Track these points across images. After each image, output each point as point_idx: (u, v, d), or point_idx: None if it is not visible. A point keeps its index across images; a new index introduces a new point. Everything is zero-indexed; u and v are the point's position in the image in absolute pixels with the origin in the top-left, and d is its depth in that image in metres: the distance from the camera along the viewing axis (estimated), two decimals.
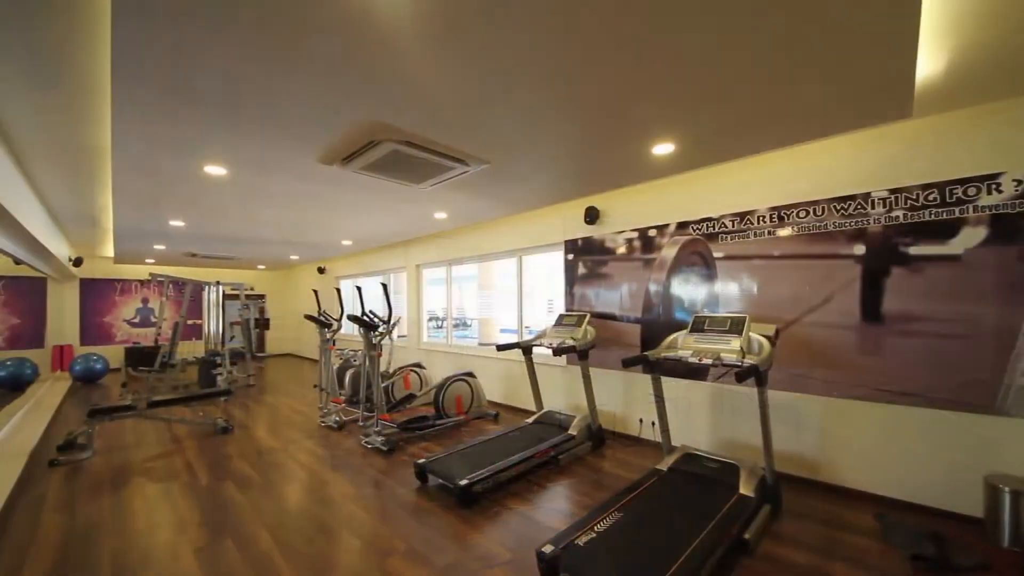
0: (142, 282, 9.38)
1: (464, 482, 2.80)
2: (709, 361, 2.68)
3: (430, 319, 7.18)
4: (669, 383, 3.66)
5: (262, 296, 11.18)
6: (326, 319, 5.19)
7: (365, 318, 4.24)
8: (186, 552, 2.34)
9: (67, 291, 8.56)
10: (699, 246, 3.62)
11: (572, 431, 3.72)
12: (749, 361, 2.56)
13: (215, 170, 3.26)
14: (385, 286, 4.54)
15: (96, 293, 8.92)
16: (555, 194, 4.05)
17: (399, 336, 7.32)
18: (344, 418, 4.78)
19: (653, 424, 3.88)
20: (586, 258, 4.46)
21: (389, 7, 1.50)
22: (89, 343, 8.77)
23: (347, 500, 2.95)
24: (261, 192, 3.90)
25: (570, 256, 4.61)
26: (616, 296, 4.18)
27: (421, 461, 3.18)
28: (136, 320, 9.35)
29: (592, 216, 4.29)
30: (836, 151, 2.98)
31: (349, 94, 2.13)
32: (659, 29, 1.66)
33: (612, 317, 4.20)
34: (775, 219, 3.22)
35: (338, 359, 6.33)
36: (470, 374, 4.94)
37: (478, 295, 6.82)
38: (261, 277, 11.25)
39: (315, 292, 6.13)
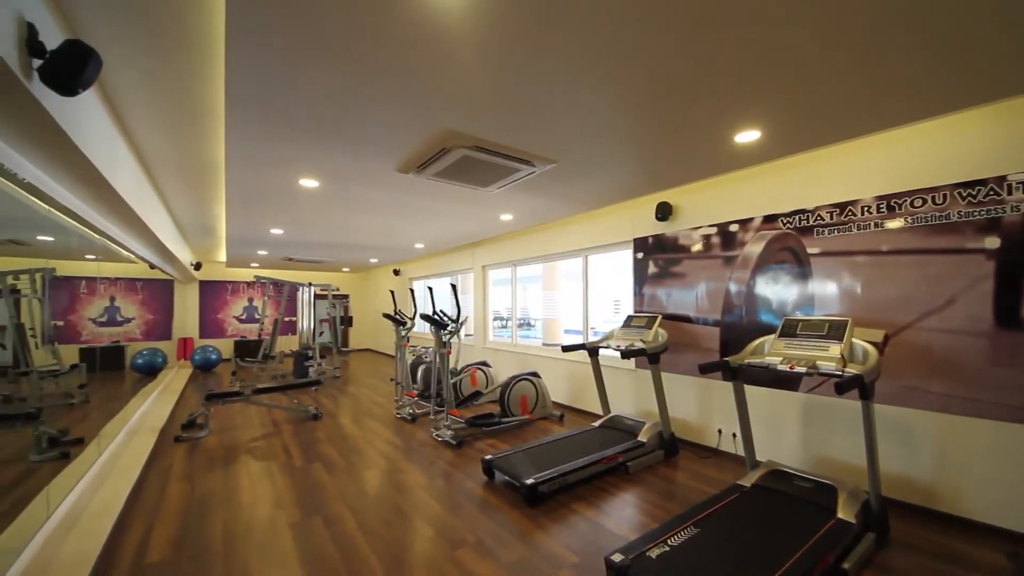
0: (248, 283, 10.64)
1: (530, 481, 2.81)
2: (802, 370, 2.42)
3: (495, 319, 7.31)
4: (753, 392, 3.37)
5: (346, 296, 12.14)
6: (401, 318, 5.49)
7: (436, 317, 4.42)
8: (283, 526, 2.60)
9: (189, 291, 9.96)
10: (790, 241, 3.29)
11: (642, 438, 3.56)
12: (852, 371, 2.27)
13: (308, 182, 3.59)
14: (454, 286, 4.71)
15: (212, 293, 10.29)
16: (624, 191, 3.92)
17: (466, 335, 7.54)
18: (417, 411, 5.02)
19: (734, 436, 3.60)
20: (657, 256, 4.26)
21: (458, 22, 1.55)
22: (206, 336, 10.13)
23: (420, 489, 3.09)
24: (346, 201, 4.23)
25: (639, 255, 4.43)
26: (691, 297, 3.94)
27: (488, 457, 3.24)
28: (243, 317, 10.64)
29: (664, 212, 4.08)
30: (962, 129, 2.54)
31: (423, 106, 2.23)
32: (742, 2, 1.52)
33: (686, 319, 3.96)
34: (883, 209, 2.83)
35: (411, 355, 6.68)
36: (535, 374, 4.95)
37: (542, 295, 6.81)
38: (345, 279, 12.23)
39: (392, 292, 6.52)
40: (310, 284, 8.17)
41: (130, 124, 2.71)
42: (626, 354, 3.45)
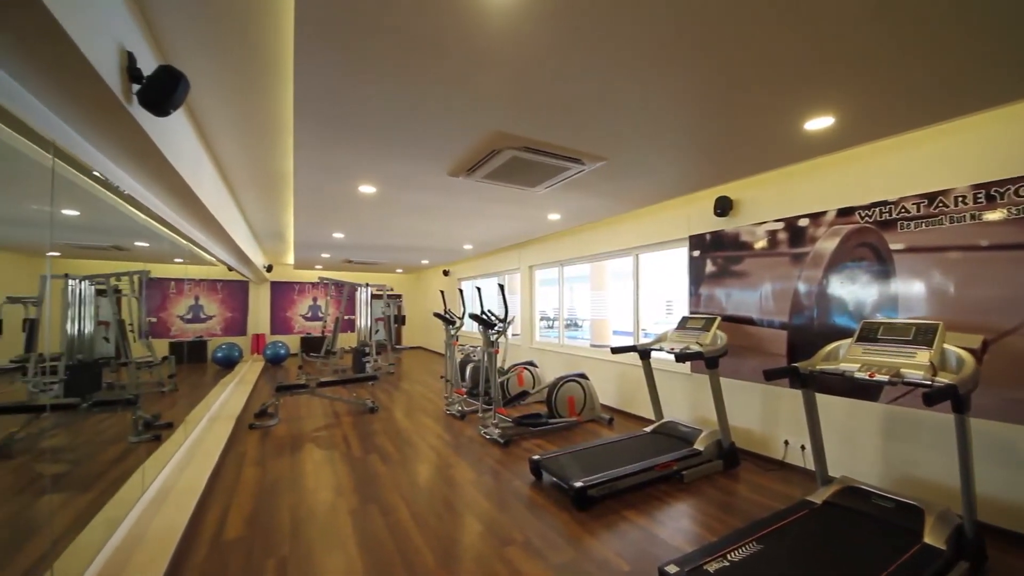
0: (312, 284, 11.39)
1: (579, 484, 2.76)
2: (884, 378, 2.19)
3: (541, 319, 7.29)
4: (825, 402, 3.11)
5: (399, 296, 12.64)
6: (450, 317, 5.63)
7: (484, 316, 4.48)
8: (342, 512, 2.75)
9: (261, 291, 10.82)
10: (869, 236, 2.99)
11: (698, 446, 3.39)
12: (944, 380, 2.02)
13: (366, 188, 3.78)
14: (502, 287, 4.74)
15: (281, 293, 11.11)
16: (679, 186, 3.75)
17: (513, 335, 7.58)
18: (466, 408, 5.11)
19: (803, 448, 3.33)
20: (716, 254, 4.04)
21: (511, 27, 1.55)
22: (276, 332, 10.95)
23: (469, 484, 3.14)
24: (401, 205, 4.40)
25: (696, 253, 4.23)
26: (754, 297, 3.69)
27: (536, 457, 3.23)
28: (308, 315, 11.40)
29: (724, 208, 3.86)
30: None
31: (474, 110, 2.27)
32: None
33: (748, 321, 3.72)
34: (981, 199, 2.49)
35: (460, 354, 6.82)
36: (583, 375, 4.87)
37: (590, 295, 6.69)
38: (399, 279, 12.74)
39: (441, 292, 6.70)
40: (367, 284, 8.59)
41: (211, 139, 2.99)
42: (681, 357, 3.30)
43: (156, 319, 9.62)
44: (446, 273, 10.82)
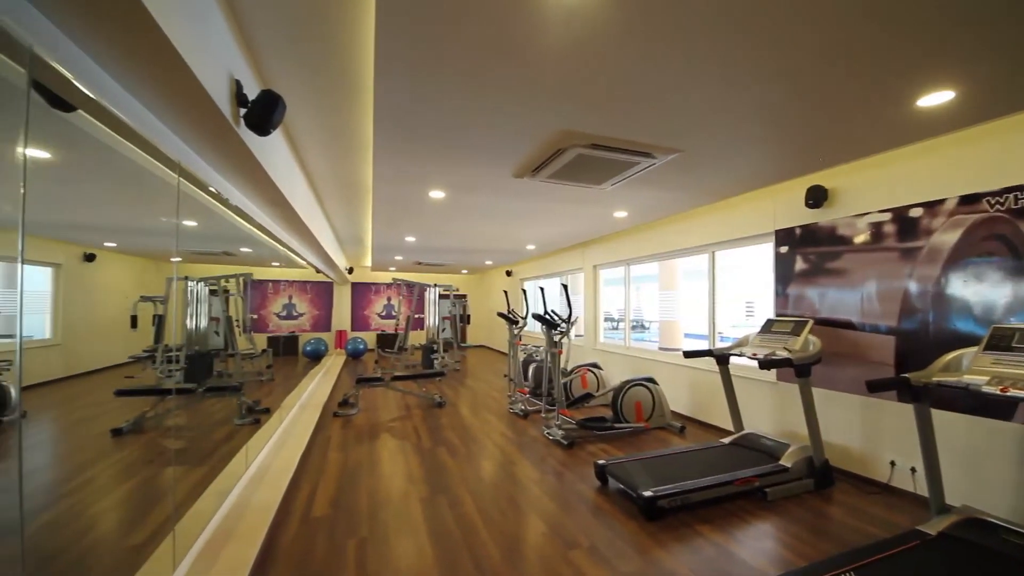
0: (387, 285, 12.16)
1: (648, 493, 2.65)
2: (1021, 393, 1.84)
3: (605, 320, 7.10)
4: (944, 419, 2.69)
5: (464, 296, 13.06)
6: (514, 317, 5.69)
7: (547, 317, 4.47)
8: (414, 500, 2.89)
9: (344, 291, 11.76)
10: (1000, 227, 2.53)
11: (785, 462, 3.10)
12: None
13: (436, 194, 3.95)
14: (565, 287, 4.70)
15: (360, 293, 12.00)
16: (763, 176, 3.46)
17: (576, 335, 7.48)
18: (528, 408, 5.14)
19: (913, 471, 2.91)
20: (807, 250, 3.66)
21: (579, 23, 1.53)
22: (356, 329, 11.84)
23: (532, 484, 3.15)
24: (467, 208, 4.55)
25: (783, 249, 3.86)
26: (853, 298, 3.29)
27: (602, 462, 3.15)
28: (383, 313, 12.20)
29: (817, 198, 3.48)
30: None
31: (540, 111, 2.28)
32: None
33: (847, 325, 3.32)
34: None
35: (523, 353, 6.87)
36: (651, 380, 4.66)
37: (658, 296, 6.39)
38: (464, 280, 13.17)
39: (505, 293, 6.80)
40: (435, 285, 8.98)
41: (302, 153, 3.30)
42: (766, 364, 3.03)
43: (257, 316, 10.86)
44: (509, 274, 10.96)
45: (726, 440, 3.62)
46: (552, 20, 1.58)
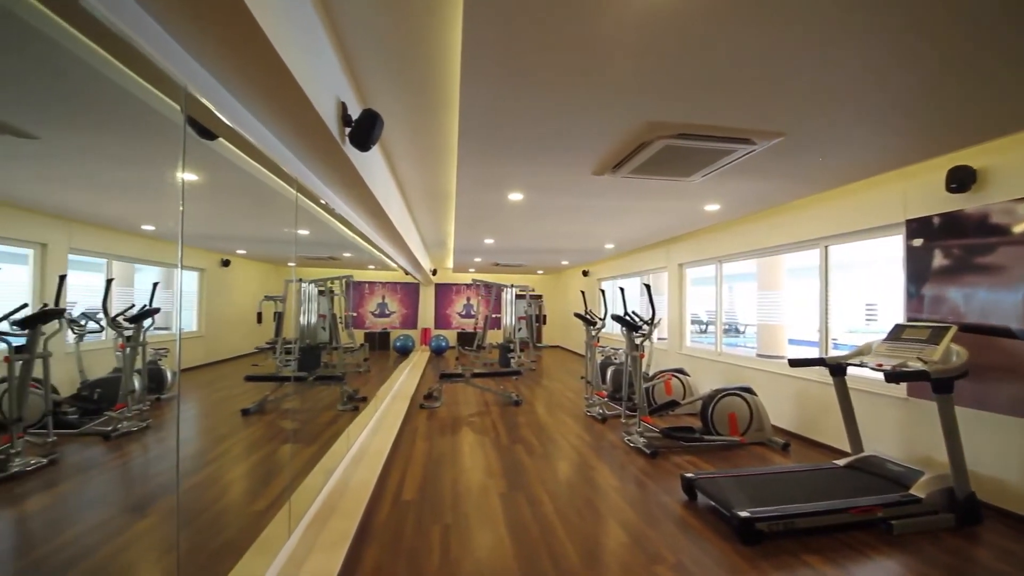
0: (467, 285, 12.70)
1: (745, 514, 2.42)
2: None
3: (692, 322, 6.63)
4: None
5: (540, 296, 13.13)
6: (591, 318, 5.57)
7: (627, 318, 4.30)
8: (493, 494, 2.97)
9: (428, 292, 12.52)
10: None
11: (917, 492, 2.63)
12: None
13: (515, 196, 4.03)
14: (648, 287, 4.49)
15: (442, 293, 12.69)
16: (889, 158, 2.97)
17: (659, 339, 7.10)
18: (607, 412, 5.00)
19: None
20: (949, 243, 3.07)
21: (663, 8, 1.45)
22: (439, 327, 12.54)
23: (612, 491, 3.05)
24: (545, 209, 4.57)
25: (916, 242, 3.29)
26: (1012, 300, 2.69)
27: (690, 475, 2.95)
28: (463, 313, 12.77)
29: (962, 181, 2.90)
30: None
31: (622, 104, 2.20)
32: None
33: (1004, 332, 2.72)
34: None
35: (600, 355, 6.70)
36: (748, 390, 4.25)
37: (756, 296, 5.80)
38: (540, 280, 13.25)
39: (582, 293, 6.69)
40: (511, 285, 9.15)
41: (395, 165, 3.57)
42: (895, 376, 2.59)
43: (356, 314, 12.01)
44: (585, 273, 10.76)
45: (841, 462, 3.18)
46: (639, 7, 1.51)
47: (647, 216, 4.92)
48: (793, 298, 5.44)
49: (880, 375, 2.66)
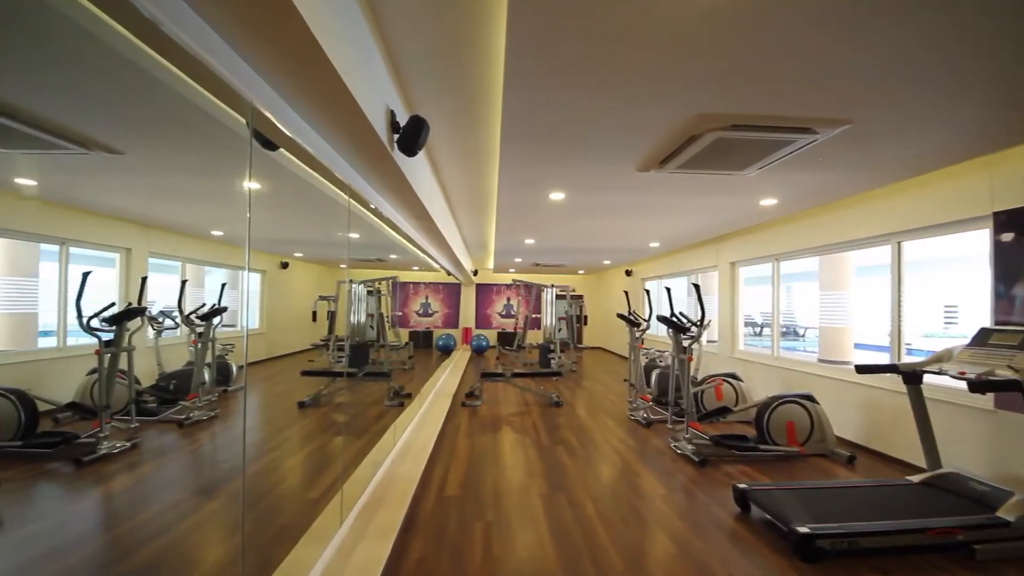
0: (506, 285, 12.81)
1: (804, 529, 2.26)
2: None
3: (746, 324, 6.29)
4: None
5: (581, 296, 12.96)
6: (635, 319, 5.43)
7: (675, 320, 4.16)
8: (534, 494, 2.97)
9: (469, 292, 12.74)
10: None
11: (1005, 514, 2.35)
12: None
13: (556, 196, 4.01)
14: (697, 287, 4.31)
15: (483, 293, 12.86)
16: (974, 143, 2.68)
17: (708, 341, 6.80)
18: (652, 416, 4.85)
19: None
20: None
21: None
22: (479, 327, 12.72)
23: (658, 498, 2.96)
24: (587, 208, 4.51)
25: (1006, 236, 2.94)
26: None
27: (743, 486, 2.80)
28: (503, 313, 12.89)
29: None
30: None
31: (668, 97, 2.12)
32: None
33: None
34: None
35: (645, 357, 6.52)
36: (808, 397, 3.98)
37: (817, 297, 5.41)
38: (580, 280, 13.09)
39: (625, 293, 6.54)
40: (552, 286, 9.11)
41: (439, 169, 3.66)
42: (979, 386, 2.33)
43: (401, 313, 12.41)
44: (628, 273, 10.50)
45: (915, 478, 2.90)
46: (679, 8, 1.46)
47: (696, 213, 4.73)
48: (860, 299, 5.02)
49: (963, 384, 2.40)
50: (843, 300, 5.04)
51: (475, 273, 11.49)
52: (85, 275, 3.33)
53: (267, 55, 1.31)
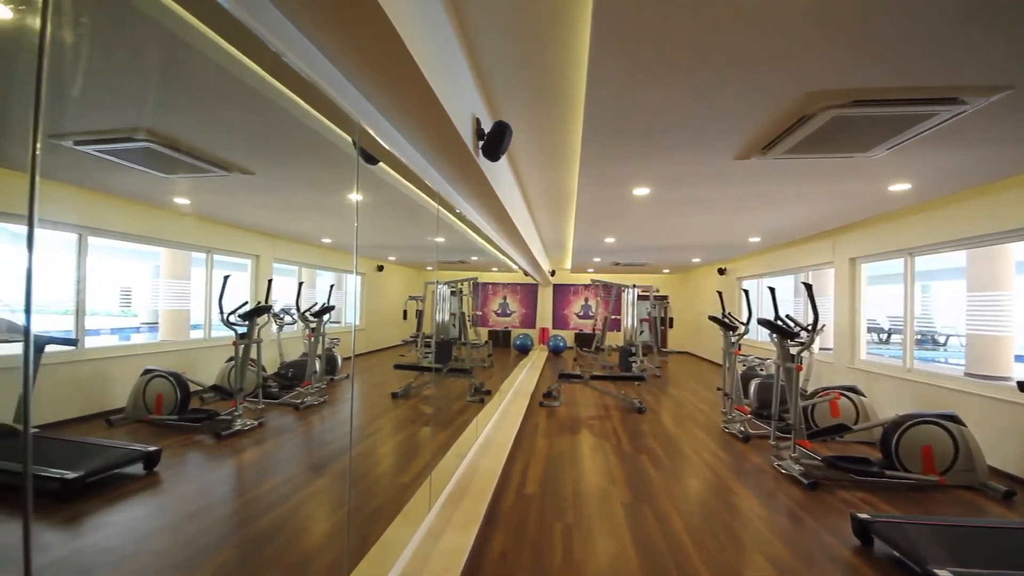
0: (584, 286, 12.59)
1: (944, 573, 1.90)
2: None
3: (869, 330, 5.45)
4: None
5: (666, 297, 12.27)
6: (730, 322, 5.00)
7: (780, 324, 3.75)
8: (615, 501, 2.88)
9: (546, 292, 12.76)
10: None
11: None
12: None
13: (640, 191, 3.85)
14: (809, 287, 3.84)
15: (560, 293, 12.80)
16: None
17: (820, 349, 6.02)
18: (750, 431, 4.43)
19: None
20: None
21: None
22: (556, 327, 12.67)
23: (757, 520, 2.70)
24: (675, 202, 4.26)
25: None
26: None
27: (865, 516, 2.44)
28: (581, 313, 12.69)
29: None
30: None
31: (770, 77, 1.92)
32: None
33: None
34: None
35: (742, 365, 5.96)
36: (952, 417, 3.34)
37: (964, 299, 4.51)
38: (665, 280, 12.39)
39: (719, 294, 6.05)
40: (633, 286, 8.74)
41: (519, 170, 3.72)
42: None
43: (481, 312, 12.85)
44: (722, 271, 9.69)
45: None
46: None
47: (806, 202, 4.22)
48: (1017, 299, 4.08)
49: None
50: (1000, 303, 4.13)
51: (552, 274, 11.47)
52: (226, 278, 3.97)
53: (370, 76, 1.44)
